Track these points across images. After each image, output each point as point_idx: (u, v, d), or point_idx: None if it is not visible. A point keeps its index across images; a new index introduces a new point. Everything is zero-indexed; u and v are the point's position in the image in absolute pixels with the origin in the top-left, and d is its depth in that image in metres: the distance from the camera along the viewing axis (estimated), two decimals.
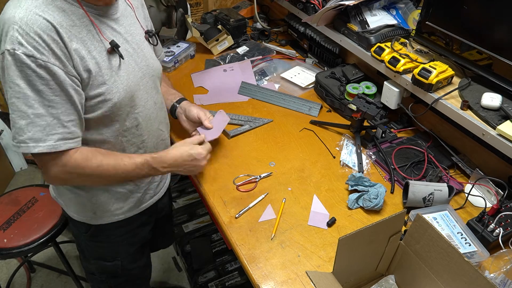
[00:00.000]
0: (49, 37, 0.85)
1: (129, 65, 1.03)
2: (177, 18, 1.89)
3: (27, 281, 2.13)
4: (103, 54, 0.96)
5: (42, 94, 0.86)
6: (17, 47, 0.82)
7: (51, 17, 0.86)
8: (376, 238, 0.91)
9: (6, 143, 2.62)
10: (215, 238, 2.18)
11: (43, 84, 0.86)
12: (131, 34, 1.07)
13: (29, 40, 0.83)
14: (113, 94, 0.99)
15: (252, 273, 1.02)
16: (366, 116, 1.36)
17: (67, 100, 0.90)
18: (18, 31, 0.82)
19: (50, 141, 0.90)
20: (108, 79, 0.97)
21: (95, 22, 0.95)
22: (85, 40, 0.92)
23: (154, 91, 1.15)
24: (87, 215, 1.18)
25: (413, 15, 1.47)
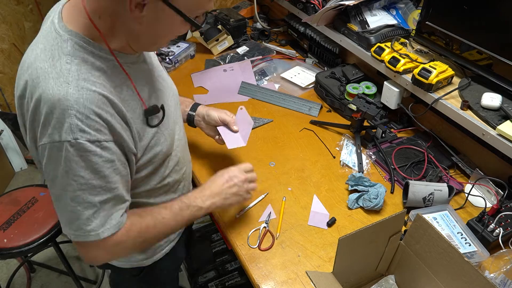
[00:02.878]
0: (108, 113, 0.75)
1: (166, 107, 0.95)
2: None
3: (27, 281, 2.13)
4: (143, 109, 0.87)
5: (108, 179, 0.78)
6: (80, 135, 0.72)
7: (102, 87, 0.75)
8: (376, 238, 0.91)
9: (6, 143, 2.63)
10: (215, 238, 2.18)
11: (109, 168, 0.78)
12: (154, 66, 0.97)
13: (91, 124, 0.73)
14: (162, 144, 0.92)
15: (252, 273, 1.02)
16: (366, 116, 1.36)
17: (126, 174, 0.84)
18: (77, 116, 0.71)
19: (114, 221, 0.82)
20: (156, 132, 0.89)
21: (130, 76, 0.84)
22: (127, 100, 0.82)
23: (180, 118, 1.07)
24: (138, 259, 1.09)
25: (413, 15, 1.47)
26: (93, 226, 0.80)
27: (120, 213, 0.84)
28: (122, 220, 0.84)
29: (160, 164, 0.95)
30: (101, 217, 0.80)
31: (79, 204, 0.78)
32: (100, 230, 0.80)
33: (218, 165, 1.32)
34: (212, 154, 1.37)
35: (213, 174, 1.28)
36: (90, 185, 0.77)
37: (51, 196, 0.81)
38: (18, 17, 2.53)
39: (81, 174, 0.75)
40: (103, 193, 0.79)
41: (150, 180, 0.96)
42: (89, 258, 0.87)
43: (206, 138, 1.42)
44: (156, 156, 0.91)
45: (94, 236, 0.80)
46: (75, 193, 0.76)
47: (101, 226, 0.80)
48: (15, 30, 2.53)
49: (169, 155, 0.98)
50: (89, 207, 0.78)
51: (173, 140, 0.98)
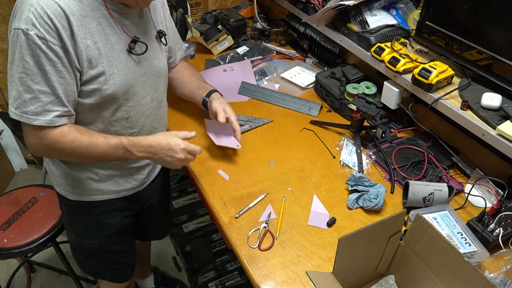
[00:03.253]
0: (60, 23, 0.90)
1: (130, 61, 1.07)
2: (177, 18, 1.89)
3: (27, 281, 2.13)
4: (107, 47, 1.01)
5: (47, 73, 0.93)
6: (31, 27, 0.88)
7: (65, 4, 0.91)
8: (376, 238, 0.91)
9: (6, 143, 2.62)
10: (215, 238, 2.18)
11: (50, 65, 0.92)
12: (145, 34, 1.11)
13: (42, 23, 0.89)
14: (109, 85, 1.03)
15: (252, 273, 1.02)
16: (366, 116, 1.36)
17: (70, 82, 0.97)
18: (33, 13, 0.88)
19: (50, 116, 0.97)
20: (107, 71, 1.02)
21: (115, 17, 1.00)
22: (93, 31, 0.97)
23: (153, 89, 1.18)
24: (66, 189, 1.23)
25: (413, 15, 1.47)
26: (28, 109, 0.95)
27: (56, 114, 0.97)
28: (57, 121, 0.98)
29: (104, 105, 1.07)
30: (37, 106, 0.95)
31: (22, 85, 0.93)
32: (32, 116, 0.95)
33: (217, 163, 1.33)
34: (212, 153, 1.37)
35: (213, 174, 1.29)
36: (33, 71, 0.92)
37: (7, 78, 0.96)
38: None
39: (27, 60, 0.91)
40: (42, 84, 0.94)
41: (94, 116, 1.08)
42: (27, 143, 1.02)
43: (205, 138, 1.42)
44: (98, 91, 1.03)
45: (26, 119, 0.96)
46: (21, 75, 0.93)
47: (35, 114, 0.95)
48: None
49: (117, 104, 1.09)
50: (28, 91, 0.94)
51: (127, 96, 1.09)
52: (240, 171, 1.31)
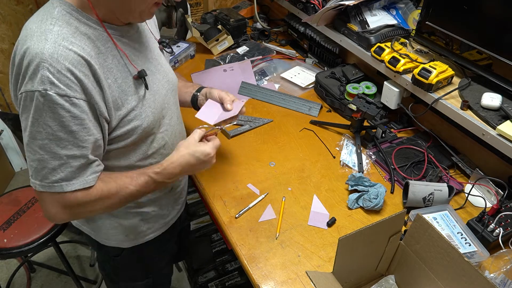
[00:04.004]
0: (81, 72, 0.80)
1: (153, 85, 0.99)
2: (177, 18, 1.89)
3: (27, 281, 2.13)
4: (128, 80, 0.92)
5: (76, 135, 0.82)
6: (49, 87, 0.77)
7: (81, 48, 0.81)
8: (376, 238, 0.91)
9: (6, 143, 2.63)
10: (215, 238, 2.18)
11: (77, 124, 0.82)
12: (150, 50, 1.02)
13: (62, 78, 0.78)
14: (142, 119, 0.95)
15: (252, 273, 1.02)
16: (366, 116, 1.36)
17: (98, 137, 0.87)
18: (49, 69, 0.77)
19: (82, 177, 0.87)
20: (136, 105, 0.93)
21: (120, 46, 0.90)
22: (111, 68, 0.88)
23: (175, 106, 1.12)
24: (119, 239, 1.14)
25: (413, 15, 1.47)
26: (58, 178, 0.84)
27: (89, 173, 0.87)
28: (91, 180, 0.88)
29: (141, 141, 0.99)
30: (68, 172, 0.84)
31: (47, 153, 0.82)
32: (64, 183, 0.85)
33: (217, 163, 1.32)
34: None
35: (213, 174, 1.29)
36: (57, 136, 0.81)
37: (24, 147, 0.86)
38: (18, 17, 2.52)
39: (49, 124, 0.80)
40: (70, 147, 0.83)
41: (130, 155, 0.99)
42: (49, 213, 0.89)
43: None
44: (134, 130, 0.94)
45: (58, 187, 0.84)
46: (43, 142, 0.81)
47: (66, 180, 0.85)
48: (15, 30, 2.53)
49: (153, 135, 1.02)
50: (55, 157, 0.82)
51: (160, 121, 1.03)
52: (240, 171, 1.31)
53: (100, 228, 1.12)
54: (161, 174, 0.98)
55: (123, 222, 1.11)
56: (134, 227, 1.14)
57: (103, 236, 1.14)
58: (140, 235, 1.16)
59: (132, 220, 1.12)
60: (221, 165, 1.33)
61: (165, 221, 1.21)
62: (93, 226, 1.13)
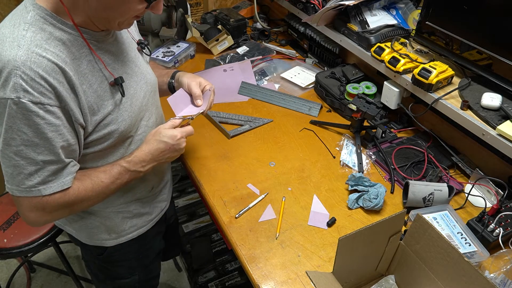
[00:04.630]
0: (55, 79, 0.79)
1: (130, 89, 0.98)
2: (177, 18, 1.89)
3: (27, 281, 2.13)
4: (104, 85, 0.91)
5: (51, 141, 0.82)
6: (22, 94, 0.76)
7: (55, 55, 0.80)
8: (376, 238, 0.91)
9: None
10: (215, 238, 2.18)
11: (52, 131, 0.81)
12: (127, 53, 1.01)
13: (35, 86, 0.76)
14: (119, 123, 0.95)
15: (252, 273, 1.02)
16: (366, 116, 1.36)
17: (72, 142, 0.87)
18: (22, 77, 0.75)
19: (59, 180, 0.87)
20: (112, 110, 0.93)
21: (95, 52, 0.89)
22: (86, 73, 0.87)
23: (154, 107, 1.11)
24: (101, 238, 1.14)
25: (413, 15, 1.47)
26: (35, 182, 0.84)
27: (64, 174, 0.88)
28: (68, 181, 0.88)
29: (118, 144, 0.99)
30: (44, 177, 0.84)
31: (22, 158, 0.82)
32: (41, 186, 0.85)
33: (217, 163, 1.33)
34: (212, 153, 1.37)
35: (213, 174, 1.29)
36: (33, 142, 0.81)
37: None
38: None
39: (24, 131, 0.79)
40: (47, 153, 0.83)
41: (107, 157, 1.00)
42: (28, 218, 0.89)
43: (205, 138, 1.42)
44: (111, 134, 0.95)
45: (36, 191, 0.85)
46: (19, 148, 0.81)
47: (44, 183, 0.85)
48: None
49: (130, 138, 1.02)
50: (32, 163, 0.82)
51: (137, 124, 1.03)
52: (240, 171, 1.31)
53: (82, 227, 1.12)
54: (132, 162, 0.99)
55: (105, 221, 1.12)
56: (116, 226, 1.14)
57: (85, 235, 1.14)
58: (122, 234, 1.16)
59: (114, 219, 1.12)
60: (221, 165, 1.33)
61: (148, 219, 1.21)
62: (75, 226, 1.13)
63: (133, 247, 1.21)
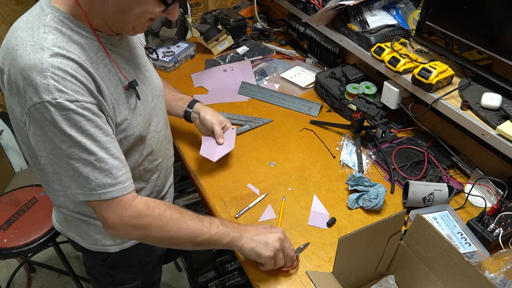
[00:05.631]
0: (83, 77, 0.80)
1: (142, 93, 0.99)
2: (177, 18, 1.88)
3: (27, 281, 2.13)
4: (119, 89, 0.91)
5: (95, 137, 0.81)
6: (58, 95, 0.75)
7: (76, 56, 0.80)
8: (376, 238, 0.91)
9: (6, 143, 2.62)
10: None
11: (93, 127, 0.81)
12: (139, 58, 1.02)
13: (68, 85, 0.76)
14: (134, 128, 0.95)
15: (252, 273, 1.02)
16: (366, 116, 1.36)
17: (114, 139, 0.87)
18: (53, 77, 0.75)
19: (120, 184, 0.85)
20: (127, 114, 0.93)
21: (111, 56, 0.90)
22: (103, 77, 0.87)
23: (161, 111, 1.11)
24: (106, 244, 1.12)
25: (413, 15, 1.47)
26: (94, 185, 0.82)
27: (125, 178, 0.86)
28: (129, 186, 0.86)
29: (133, 148, 0.99)
30: (102, 178, 0.82)
31: (76, 161, 0.80)
32: (101, 190, 0.83)
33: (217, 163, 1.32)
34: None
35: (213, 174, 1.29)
36: (80, 142, 0.79)
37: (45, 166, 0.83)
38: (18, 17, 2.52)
39: (68, 133, 0.78)
40: (97, 151, 0.81)
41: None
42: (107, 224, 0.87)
43: None
44: (127, 138, 0.95)
45: (96, 195, 0.83)
46: (70, 150, 0.79)
47: (103, 187, 0.83)
48: None
49: (143, 143, 1.02)
50: (86, 164, 0.81)
51: (148, 128, 1.03)
52: (240, 171, 1.31)
53: (86, 233, 1.10)
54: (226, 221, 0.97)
55: None
56: None
57: (89, 241, 1.12)
58: (126, 240, 1.14)
59: None
60: (221, 165, 1.33)
61: None
62: (79, 232, 1.12)
63: (136, 252, 1.20)
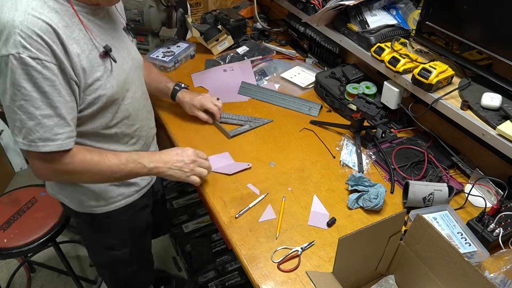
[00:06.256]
0: (50, 39, 0.86)
1: (118, 59, 1.06)
2: (177, 18, 1.89)
3: (27, 281, 2.14)
4: (94, 53, 0.98)
5: (48, 95, 0.89)
6: (22, 50, 0.84)
7: (48, 18, 0.87)
8: (376, 238, 0.91)
9: (6, 143, 2.62)
10: (215, 238, 2.18)
11: (48, 85, 0.88)
12: (115, 30, 1.10)
13: (33, 43, 0.84)
14: (107, 89, 1.02)
15: (252, 273, 1.02)
16: (366, 116, 1.36)
17: (69, 100, 0.94)
18: (21, 34, 0.83)
19: (59, 140, 0.93)
20: (101, 76, 1.00)
21: (84, 23, 0.96)
22: (78, 40, 0.94)
23: (139, 82, 1.19)
24: (90, 205, 1.19)
25: (413, 15, 1.47)
26: (34, 137, 0.91)
27: (65, 136, 0.94)
28: (66, 144, 0.95)
29: (105, 108, 1.05)
30: (43, 132, 0.91)
31: (24, 113, 0.88)
32: (40, 143, 0.91)
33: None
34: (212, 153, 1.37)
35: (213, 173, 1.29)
36: (32, 97, 0.87)
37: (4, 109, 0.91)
38: None
39: (23, 85, 0.86)
40: (44, 108, 0.89)
41: (95, 121, 1.05)
42: (36, 171, 0.99)
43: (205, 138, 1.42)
44: (99, 98, 1.01)
45: (35, 147, 0.91)
46: (20, 102, 0.88)
47: (43, 141, 0.91)
48: None
49: (117, 105, 1.08)
50: (31, 118, 0.89)
51: (124, 94, 1.09)
52: (240, 171, 1.31)
53: (72, 194, 1.19)
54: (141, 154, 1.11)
55: (93, 187, 1.17)
56: (104, 192, 1.18)
57: (75, 202, 1.20)
58: (110, 201, 1.21)
59: (101, 186, 1.17)
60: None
61: (136, 189, 1.26)
62: (65, 193, 1.20)
63: (121, 216, 1.26)
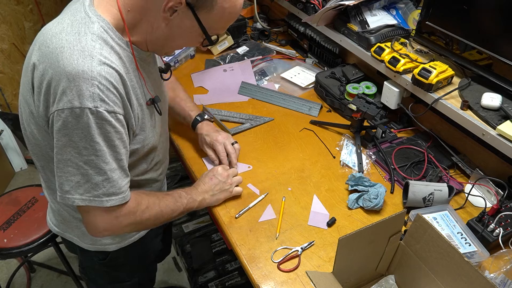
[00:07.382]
0: (122, 89, 0.84)
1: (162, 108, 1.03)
2: None
3: (27, 281, 2.14)
4: (143, 101, 0.95)
5: (116, 148, 0.86)
6: (100, 104, 0.79)
7: (117, 66, 0.83)
8: (376, 238, 0.91)
9: (6, 143, 2.62)
10: (215, 238, 2.18)
11: (118, 138, 0.86)
12: (158, 74, 1.06)
13: (110, 95, 0.81)
14: (149, 139, 1.00)
15: (252, 273, 1.02)
16: (366, 116, 1.36)
17: (128, 150, 0.92)
18: (99, 87, 0.78)
19: (122, 194, 0.90)
20: (146, 126, 0.97)
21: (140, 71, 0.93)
22: (135, 87, 0.91)
23: (166, 124, 1.16)
24: (105, 243, 1.14)
25: (413, 15, 1.47)
26: (99, 193, 0.86)
27: (126, 188, 0.91)
28: (128, 195, 0.92)
29: (143, 158, 1.03)
30: (110, 187, 0.87)
31: (92, 168, 0.84)
32: (105, 198, 0.87)
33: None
34: None
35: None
36: (103, 151, 0.84)
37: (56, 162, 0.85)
38: (18, 17, 2.53)
39: (97, 141, 0.82)
40: (111, 162, 0.86)
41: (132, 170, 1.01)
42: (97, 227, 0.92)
43: None
44: (143, 149, 0.99)
45: (98, 202, 0.87)
46: (90, 158, 0.83)
47: (107, 195, 0.87)
48: (15, 30, 2.53)
49: (154, 152, 1.07)
50: (100, 173, 0.85)
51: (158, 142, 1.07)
52: (239, 171, 1.31)
53: (85, 233, 1.08)
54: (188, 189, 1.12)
55: None
56: None
57: (87, 241, 1.13)
58: (125, 237, 1.16)
59: None
60: None
61: None
62: (77, 233, 1.12)
63: (135, 250, 1.21)
